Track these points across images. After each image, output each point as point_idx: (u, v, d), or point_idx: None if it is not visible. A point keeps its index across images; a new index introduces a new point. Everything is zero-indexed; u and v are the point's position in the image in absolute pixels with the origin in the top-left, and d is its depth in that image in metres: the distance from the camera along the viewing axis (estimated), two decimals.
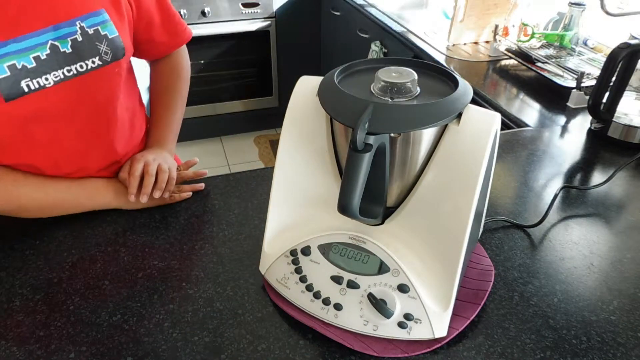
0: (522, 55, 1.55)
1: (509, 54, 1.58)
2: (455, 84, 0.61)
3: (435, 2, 2.24)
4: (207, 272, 0.75)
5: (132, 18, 0.90)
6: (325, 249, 0.66)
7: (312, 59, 2.96)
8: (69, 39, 0.78)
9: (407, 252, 0.64)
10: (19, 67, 0.74)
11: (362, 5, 2.22)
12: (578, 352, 0.63)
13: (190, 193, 0.92)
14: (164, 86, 1.05)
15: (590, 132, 1.16)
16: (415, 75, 0.61)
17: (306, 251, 0.66)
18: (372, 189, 0.61)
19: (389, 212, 0.66)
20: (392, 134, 0.58)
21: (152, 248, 0.80)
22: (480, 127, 0.60)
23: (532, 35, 1.59)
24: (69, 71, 0.79)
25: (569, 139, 1.15)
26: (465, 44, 1.76)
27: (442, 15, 2.02)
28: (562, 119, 1.24)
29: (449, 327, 0.63)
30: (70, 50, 0.79)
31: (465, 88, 0.61)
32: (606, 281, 0.74)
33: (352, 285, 0.64)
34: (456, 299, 0.63)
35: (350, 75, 0.65)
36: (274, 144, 2.99)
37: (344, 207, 0.57)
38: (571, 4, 1.53)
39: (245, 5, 2.62)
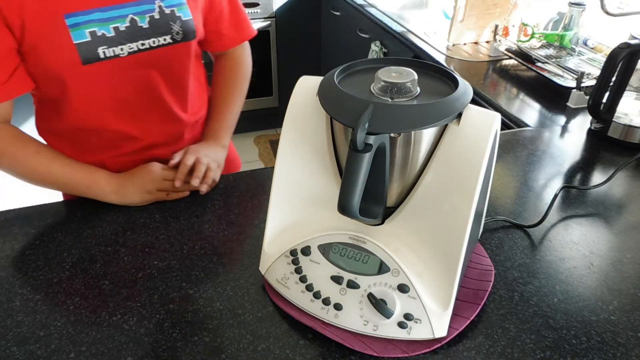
0: (522, 55, 1.55)
1: (509, 54, 1.58)
2: (455, 84, 0.61)
3: (435, 2, 2.24)
4: (207, 272, 0.75)
5: (204, 6, 0.96)
6: (325, 249, 0.66)
7: (312, 59, 2.96)
8: (147, 15, 0.86)
9: (407, 252, 0.64)
10: (99, 34, 0.83)
11: (362, 5, 2.22)
12: (578, 352, 0.63)
13: (188, 192, 0.93)
14: (224, 81, 1.10)
15: (590, 132, 1.16)
16: (415, 75, 0.61)
17: (306, 251, 0.66)
18: (372, 189, 0.61)
19: (389, 212, 0.66)
20: (392, 134, 0.58)
21: (152, 248, 0.80)
22: (480, 127, 0.60)
23: (532, 35, 1.59)
24: (142, 45, 0.87)
25: (569, 139, 1.15)
26: (465, 44, 1.76)
27: (442, 15, 2.02)
28: (562, 119, 1.24)
29: (449, 327, 0.63)
30: (147, 25, 0.87)
31: (465, 88, 0.61)
32: (606, 281, 0.74)
33: (352, 285, 0.64)
34: (456, 299, 0.63)
35: (350, 75, 0.65)
36: (274, 144, 2.99)
37: (344, 207, 0.57)
38: (571, 4, 1.53)
39: (245, 5, 2.62)
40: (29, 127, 1.00)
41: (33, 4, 0.77)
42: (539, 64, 1.48)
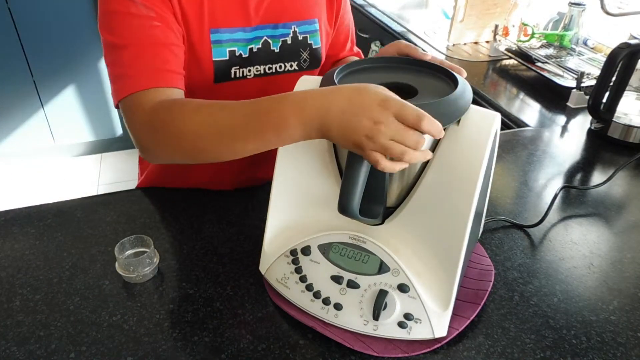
0: (522, 55, 1.55)
1: (509, 54, 1.58)
2: (454, 82, 0.61)
3: (435, 2, 2.24)
4: (207, 272, 0.75)
5: (332, 34, 0.94)
6: (325, 249, 0.66)
7: None
8: (280, 40, 0.84)
9: (407, 252, 0.64)
10: (237, 54, 0.80)
11: (362, 5, 2.22)
12: (578, 352, 0.63)
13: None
14: None
15: (590, 132, 1.16)
16: (415, 74, 0.61)
17: (306, 251, 0.66)
18: (372, 189, 0.61)
19: (389, 212, 0.66)
20: None
21: None
22: (480, 127, 0.60)
23: (532, 35, 1.59)
24: (269, 69, 0.85)
25: (569, 139, 1.15)
26: (465, 43, 1.76)
27: (442, 15, 2.02)
28: (562, 119, 1.24)
29: (449, 327, 0.63)
30: (278, 50, 0.84)
31: (464, 87, 0.61)
32: (606, 281, 0.74)
33: (352, 285, 0.64)
34: (456, 299, 0.63)
35: (350, 75, 0.65)
36: None
37: (344, 207, 0.57)
38: (571, 4, 1.53)
39: None
40: None
41: (189, 13, 0.75)
42: (539, 64, 1.48)
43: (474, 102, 0.61)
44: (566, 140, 1.15)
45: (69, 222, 0.85)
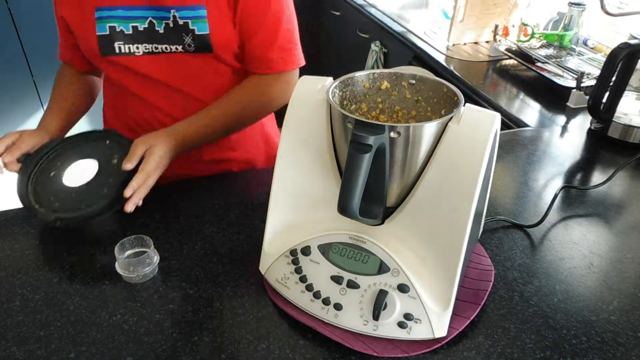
0: (522, 55, 1.55)
1: (509, 54, 1.58)
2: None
3: (435, 2, 2.24)
4: (207, 272, 0.75)
5: (244, 29, 0.91)
6: (325, 249, 0.66)
7: (312, 59, 2.95)
8: (163, 22, 0.90)
9: (407, 252, 0.64)
10: (118, 30, 0.89)
11: (362, 5, 2.22)
12: (578, 352, 0.63)
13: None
14: (232, 92, 0.97)
15: (590, 132, 1.16)
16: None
17: (306, 251, 0.66)
18: (372, 189, 0.61)
19: (389, 212, 0.66)
20: (392, 134, 0.58)
21: None
22: (480, 127, 0.60)
23: (532, 35, 1.59)
24: (156, 48, 0.92)
25: (569, 139, 1.15)
26: (465, 44, 1.76)
27: (442, 15, 2.02)
28: (562, 119, 1.24)
29: (449, 327, 0.63)
30: (162, 31, 0.90)
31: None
32: (606, 281, 0.74)
33: (352, 285, 0.64)
34: (456, 299, 0.63)
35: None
36: None
37: (344, 208, 0.57)
38: (571, 4, 1.53)
39: None
40: None
41: None
42: (539, 64, 1.48)
43: (474, 102, 0.61)
44: (566, 140, 1.15)
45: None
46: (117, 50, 0.91)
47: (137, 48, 0.91)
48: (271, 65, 0.96)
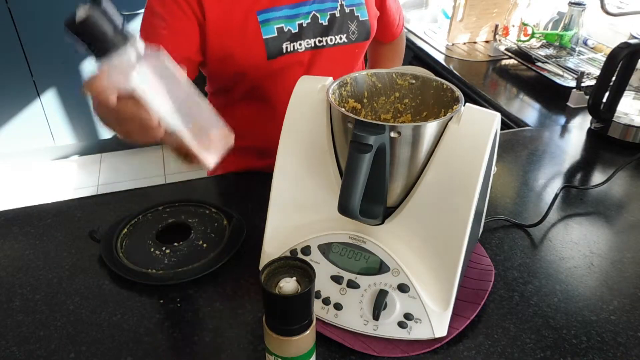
0: (522, 55, 1.55)
1: (509, 54, 1.58)
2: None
3: (435, 2, 2.24)
4: (207, 272, 0.75)
5: (380, 9, 1.01)
6: (325, 249, 0.66)
7: None
8: (328, 13, 0.90)
9: (407, 252, 0.64)
10: (285, 30, 0.88)
11: None
12: (578, 352, 0.63)
13: None
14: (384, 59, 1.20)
15: (590, 131, 1.16)
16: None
17: (306, 251, 0.66)
18: (372, 189, 0.61)
19: (389, 212, 0.66)
20: (392, 134, 0.58)
21: None
22: (480, 127, 0.60)
23: (532, 35, 1.58)
24: (319, 42, 0.91)
25: (569, 139, 1.15)
26: (465, 43, 1.76)
27: (442, 15, 2.01)
28: (562, 119, 1.24)
29: (449, 326, 0.63)
30: (326, 23, 0.91)
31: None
32: (606, 281, 0.74)
33: (352, 285, 0.64)
34: (456, 299, 0.63)
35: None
36: None
37: (344, 208, 0.57)
38: (571, 3, 1.53)
39: None
40: None
41: (227, 1, 0.84)
42: (539, 64, 1.48)
43: (474, 101, 0.61)
44: (566, 140, 1.15)
45: (69, 222, 0.85)
46: (284, 51, 0.90)
47: (300, 45, 0.90)
48: (399, 30, 1.14)
